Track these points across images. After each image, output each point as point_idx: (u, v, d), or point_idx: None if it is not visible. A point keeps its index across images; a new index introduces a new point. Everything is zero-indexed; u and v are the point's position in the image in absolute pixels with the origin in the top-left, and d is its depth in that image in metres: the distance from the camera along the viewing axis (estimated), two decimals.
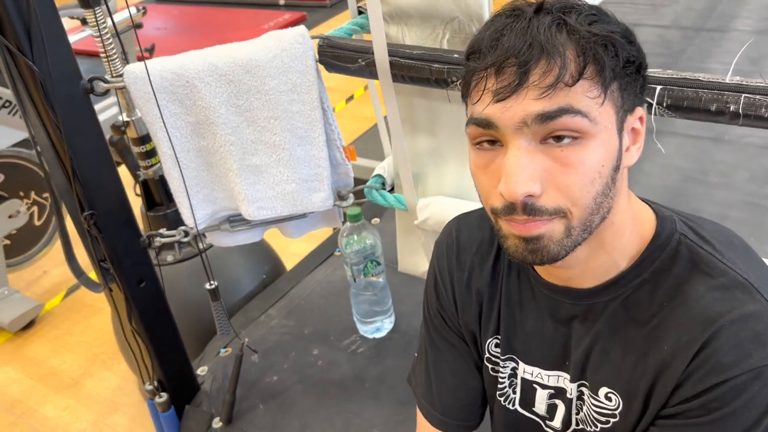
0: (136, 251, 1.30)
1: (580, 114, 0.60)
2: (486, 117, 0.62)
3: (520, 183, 0.60)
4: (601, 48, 0.61)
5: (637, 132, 0.68)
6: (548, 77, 0.59)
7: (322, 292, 1.75)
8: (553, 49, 0.59)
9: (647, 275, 0.69)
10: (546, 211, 0.62)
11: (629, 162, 0.67)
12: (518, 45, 0.60)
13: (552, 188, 0.62)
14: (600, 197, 0.63)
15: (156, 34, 4.96)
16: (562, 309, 0.75)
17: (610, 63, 0.61)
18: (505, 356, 0.83)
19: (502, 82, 0.61)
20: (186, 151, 1.23)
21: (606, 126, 0.62)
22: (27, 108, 1.12)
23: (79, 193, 1.18)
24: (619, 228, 0.69)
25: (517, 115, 0.60)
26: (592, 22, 0.62)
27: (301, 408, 1.44)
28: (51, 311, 2.49)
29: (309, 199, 1.27)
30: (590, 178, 0.62)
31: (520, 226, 0.63)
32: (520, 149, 0.61)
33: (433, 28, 1.17)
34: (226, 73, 1.17)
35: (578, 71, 0.60)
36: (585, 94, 0.60)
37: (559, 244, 0.64)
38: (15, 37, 1.05)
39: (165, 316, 1.41)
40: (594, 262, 0.70)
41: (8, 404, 2.12)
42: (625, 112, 0.65)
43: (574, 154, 0.61)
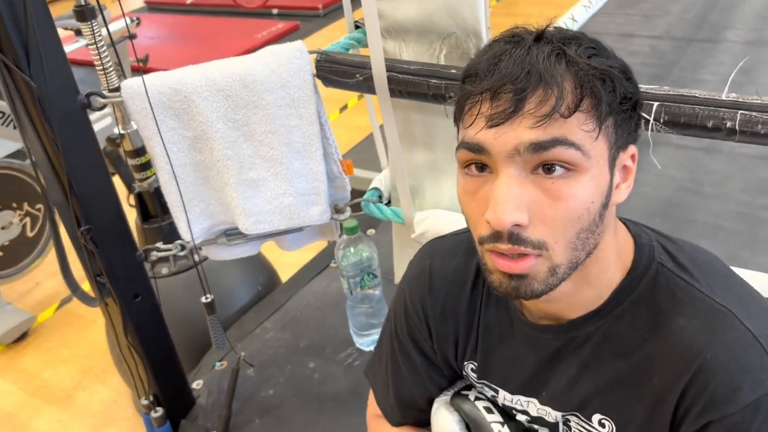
0: (132, 265, 1.29)
1: (574, 146, 0.59)
2: (478, 142, 0.61)
3: (507, 212, 0.59)
4: (599, 82, 0.60)
5: (628, 170, 0.67)
6: (544, 106, 0.59)
7: (317, 304, 1.74)
8: (551, 78, 0.59)
9: (626, 306, 0.69)
10: (530, 243, 0.61)
11: (618, 199, 0.66)
12: (516, 72, 0.59)
13: (538, 221, 0.61)
14: (585, 233, 0.62)
15: (150, 43, 4.95)
16: (544, 345, 0.74)
17: (607, 98, 0.61)
18: (480, 381, 0.82)
19: (497, 108, 0.60)
20: (183, 165, 1.23)
21: (598, 161, 0.61)
22: (24, 123, 1.12)
23: (76, 208, 1.17)
24: (605, 262, 0.68)
25: (509, 142, 0.60)
26: (592, 56, 0.61)
27: (297, 422, 1.44)
28: (43, 323, 2.47)
29: (306, 212, 1.27)
30: (578, 213, 0.61)
31: (504, 264, 0.63)
32: (510, 177, 0.60)
33: (430, 44, 1.18)
34: (223, 87, 1.17)
35: (575, 103, 0.59)
36: (580, 127, 0.60)
37: (544, 283, 0.63)
38: (12, 53, 1.04)
39: (161, 330, 1.40)
40: (579, 295, 0.69)
41: (1, 418, 2.10)
42: (618, 148, 0.64)
43: (565, 187, 0.60)
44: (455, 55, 1.16)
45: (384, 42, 1.20)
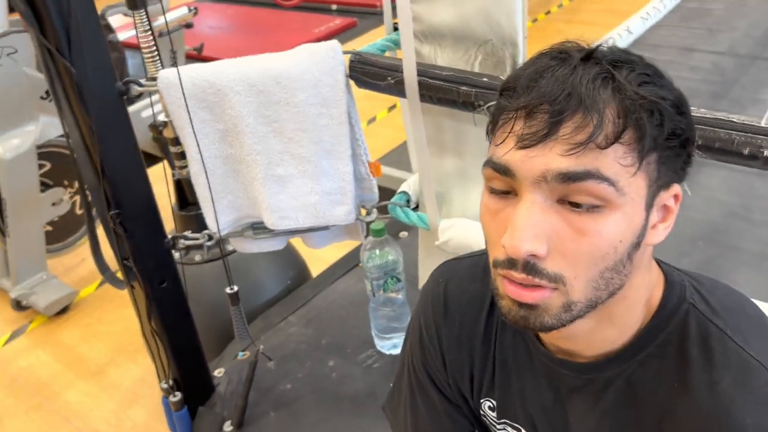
0: (159, 252, 1.32)
1: (607, 181, 0.55)
2: (505, 163, 0.57)
3: (525, 240, 0.55)
4: (646, 113, 0.55)
5: (668, 210, 0.62)
6: (580, 134, 0.54)
7: (342, 302, 1.75)
8: (592, 104, 0.54)
9: (652, 349, 0.64)
10: (546, 275, 0.57)
11: (654, 240, 0.61)
12: (556, 92, 0.55)
13: (558, 253, 0.57)
14: (609, 273, 0.58)
15: (209, 33, 5.06)
16: (561, 380, 0.70)
17: (653, 131, 0.56)
18: (501, 421, 0.78)
19: (529, 128, 0.56)
20: (213, 157, 1.24)
21: (633, 198, 0.56)
22: (63, 106, 1.15)
23: (107, 192, 1.20)
24: (633, 302, 0.64)
25: (537, 167, 0.55)
26: (643, 83, 0.57)
27: (311, 418, 1.44)
28: (85, 299, 2.55)
29: (331, 211, 1.27)
30: (603, 252, 0.57)
31: (515, 291, 0.59)
32: (533, 204, 0.56)
33: (465, 50, 1.16)
34: (256, 83, 1.18)
35: (615, 134, 0.55)
36: (617, 160, 0.55)
37: (556, 318, 0.59)
38: (55, 38, 1.08)
39: (185, 317, 1.43)
40: (599, 335, 0.65)
41: (36, 386, 2.18)
42: (659, 187, 0.59)
43: (591, 223, 0.56)
44: (490, 63, 1.14)
45: (420, 46, 1.19)
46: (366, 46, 1.26)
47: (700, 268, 1.74)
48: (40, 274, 2.48)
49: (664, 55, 2.84)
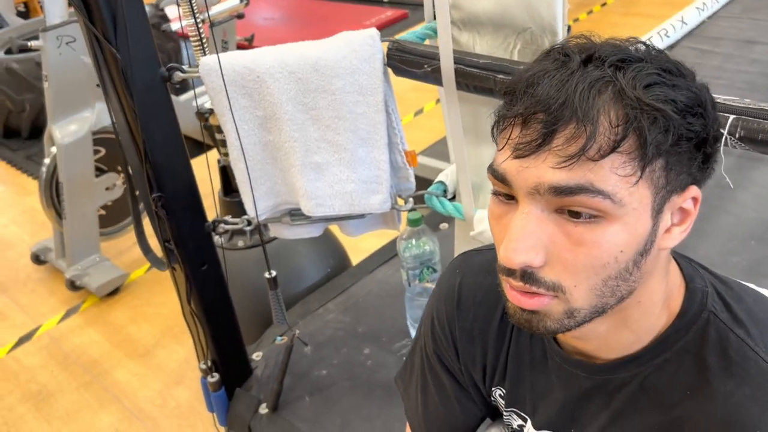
0: (200, 235, 1.35)
1: (602, 194, 0.53)
2: (502, 173, 0.57)
3: (519, 251, 0.55)
4: (648, 120, 0.53)
5: (686, 213, 0.59)
6: (572, 145, 0.52)
7: (380, 292, 1.75)
8: (585, 113, 0.52)
9: (669, 355, 0.63)
10: (544, 284, 0.57)
11: (668, 244, 0.59)
12: (551, 99, 0.53)
13: (556, 262, 0.56)
14: (614, 281, 0.57)
15: (263, 23, 5.13)
16: (575, 380, 0.69)
17: (655, 139, 0.53)
18: (509, 408, 0.78)
19: (524, 137, 0.55)
20: (252, 144, 1.26)
21: (635, 208, 0.55)
22: (109, 91, 1.19)
23: (150, 175, 1.24)
24: (648, 307, 0.62)
25: (530, 179, 0.55)
26: (650, 85, 0.54)
27: (344, 405, 1.46)
28: (135, 281, 2.64)
29: (367, 200, 1.27)
30: (602, 261, 0.55)
31: (514, 296, 0.59)
32: (529, 215, 0.55)
33: (504, 38, 1.14)
34: (295, 70, 1.19)
35: (610, 145, 0.52)
36: (614, 171, 0.53)
37: (558, 323, 0.59)
38: (102, 25, 1.11)
39: (224, 300, 1.46)
40: (615, 337, 0.64)
41: (87, 364, 2.27)
42: (670, 192, 0.57)
43: (589, 233, 0.54)
44: (529, 51, 1.12)
45: (458, 34, 1.18)
46: (406, 33, 1.26)
47: (750, 267, 1.68)
48: (93, 256, 2.57)
49: (723, 48, 2.74)
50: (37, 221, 3.04)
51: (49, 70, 2.21)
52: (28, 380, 2.23)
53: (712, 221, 1.72)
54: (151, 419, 2.03)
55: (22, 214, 3.16)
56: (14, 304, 2.59)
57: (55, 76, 2.23)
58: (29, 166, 3.59)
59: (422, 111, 3.55)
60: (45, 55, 2.19)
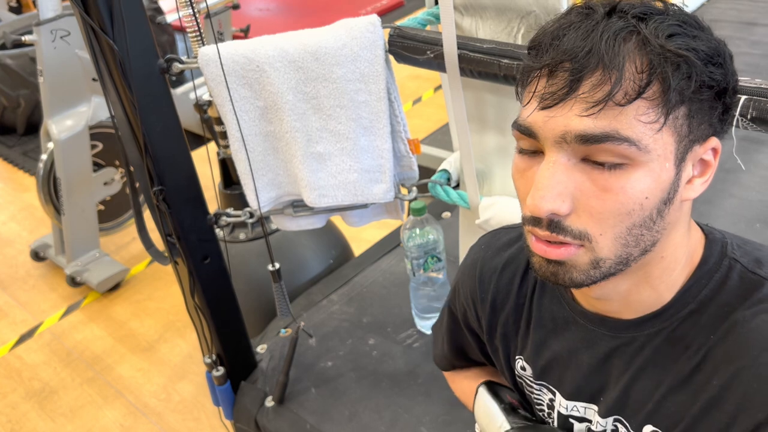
0: (202, 228, 1.34)
1: (627, 141, 0.54)
2: (528, 125, 0.58)
3: (546, 198, 0.56)
4: (672, 67, 0.54)
5: (706, 164, 0.61)
6: (599, 92, 0.54)
7: (384, 282, 1.74)
8: (611, 60, 0.53)
9: (694, 305, 0.63)
10: (571, 232, 0.57)
11: (690, 195, 0.60)
12: (577, 48, 0.54)
13: (583, 210, 0.57)
14: (638, 229, 0.57)
15: (258, 14, 5.09)
16: (599, 341, 0.70)
17: (679, 85, 0.54)
18: (539, 382, 0.78)
19: (551, 87, 0.56)
20: (253, 134, 1.25)
21: (659, 155, 0.56)
22: (107, 84, 1.17)
23: (150, 169, 1.22)
24: (671, 263, 0.63)
25: (557, 128, 0.56)
26: (672, 35, 0.55)
27: (351, 396, 1.45)
28: (136, 276, 2.62)
29: (370, 189, 1.26)
30: (628, 208, 0.56)
31: (540, 248, 0.59)
32: (556, 164, 0.56)
33: (508, 22, 1.12)
34: (295, 59, 1.17)
35: (636, 90, 0.54)
36: (638, 118, 0.54)
37: (585, 273, 0.59)
38: (99, 17, 1.09)
39: (227, 293, 1.45)
40: (637, 295, 0.64)
41: (90, 360, 2.26)
42: (692, 141, 0.58)
43: (614, 180, 0.55)
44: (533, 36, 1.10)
45: (460, 18, 1.16)
46: (406, 20, 1.24)
47: None
48: (93, 252, 2.56)
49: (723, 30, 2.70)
50: (35, 218, 3.02)
51: (44, 64, 2.19)
52: (31, 377, 2.22)
53: (716, 204, 1.71)
54: (156, 414, 2.02)
55: (20, 211, 3.14)
56: (15, 301, 2.58)
57: (51, 71, 2.21)
58: (26, 162, 3.56)
59: (420, 99, 3.53)
60: (39, 49, 2.17)
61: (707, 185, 0.61)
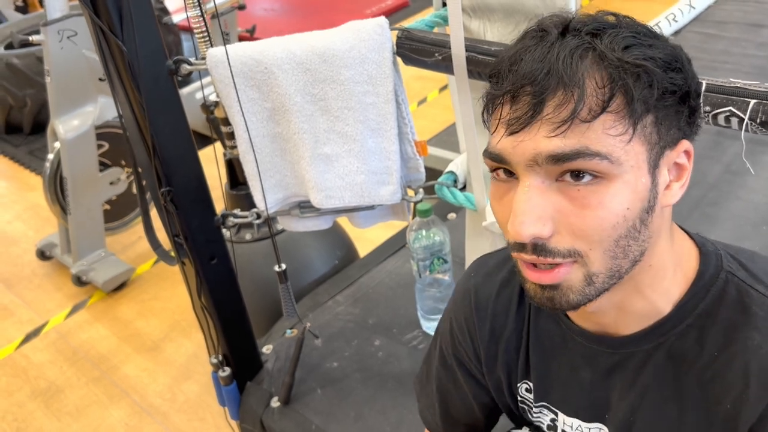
0: (209, 229, 1.34)
1: (599, 156, 0.54)
2: (498, 152, 0.58)
3: (525, 224, 0.56)
4: (632, 77, 0.55)
5: (681, 168, 0.62)
6: (563, 111, 0.54)
7: (390, 283, 1.75)
8: (570, 78, 0.54)
9: (691, 320, 0.63)
10: (558, 253, 0.57)
11: (670, 201, 0.61)
12: (536, 71, 0.55)
13: (565, 230, 0.57)
14: (625, 240, 0.57)
15: (263, 15, 5.10)
16: (599, 358, 0.69)
17: (642, 95, 0.55)
18: (539, 404, 0.77)
19: (515, 113, 0.56)
20: (261, 136, 1.25)
21: (632, 165, 0.56)
22: (115, 85, 1.17)
23: (158, 169, 1.22)
24: (659, 270, 0.63)
25: (527, 152, 0.56)
26: (628, 47, 0.56)
27: (357, 397, 1.45)
28: (141, 275, 2.63)
29: (377, 191, 1.26)
30: (611, 222, 0.56)
31: (534, 275, 0.59)
32: (531, 188, 0.56)
33: (516, 24, 1.12)
34: (303, 61, 1.17)
35: (600, 105, 0.54)
36: (607, 132, 0.54)
37: (580, 293, 0.59)
38: (108, 18, 1.10)
39: (234, 294, 1.45)
40: (630, 307, 0.64)
41: (96, 359, 2.27)
42: (663, 147, 0.58)
43: (592, 196, 0.55)
44: None
45: (468, 21, 1.16)
46: (414, 22, 1.24)
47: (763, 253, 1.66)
48: (98, 251, 2.56)
49: (729, 32, 2.71)
50: (41, 217, 3.03)
51: (51, 64, 2.20)
52: (37, 376, 2.23)
53: (723, 207, 1.71)
54: (161, 414, 2.03)
55: (26, 210, 3.15)
56: (20, 300, 2.59)
57: (58, 71, 2.21)
58: (32, 161, 3.58)
59: (425, 100, 3.54)
60: (47, 49, 2.18)
61: (685, 188, 0.62)
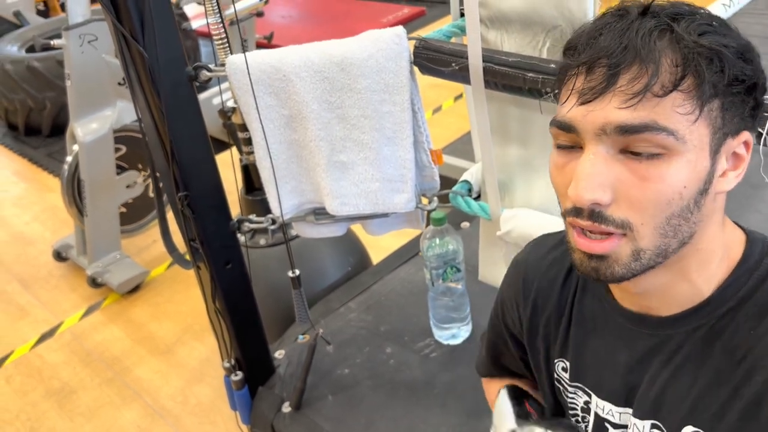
0: (225, 234, 1.35)
1: (665, 131, 0.56)
2: (568, 121, 0.60)
3: (588, 189, 0.58)
4: (705, 61, 0.57)
5: (739, 158, 0.63)
6: (637, 84, 0.56)
7: (402, 291, 1.75)
8: (647, 54, 0.56)
9: (733, 303, 0.64)
10: (612, 222, 0.59)
11: (724, 188, 0.62)
12: (613, 45, 0.57)
13: (623, 200, 0.59)
14: (677, 219, 0.59)
15: (281, 21, 5.14)
16: (638, 341, 0.70)
17: (712, 78, 0.57)
18: (574, 384, 0.78)
19: (589, 83, 0.58)
20: (278, 142, 1.26)
21: (695, 145, 0.58)
22: (136, 90, 1.19)
23: (176, 174, 1.24)
24: (707, 255, 0.64)
25: (597, 120, 0.58)
26: (704, 33, 0.58)
27: (368, 404, 1.45)
28: (156, 278, 2.65)
29: (391, 199, 1.27)
30: (668, 197, 0.58)
31: (584, 243, 0.61)
32: (596, 155, 0.59)
33: (533, 36, 1.13)
34: (321, 69, 1.18)
35: (672, 82, 0.56)
36: (675, 109, 0.57)
37: (626, 267, 0.61)
38: (130, 25, 1.12)
39: (248, 299, 1.46)
40: (674, 290, 0.66)
41: (109, 361, 2.28)
42: (725, 134, 0.60)
43: (653, 169, 0.58)
44: (558, 49, 1.10)
45: (486, 31, 1.17)
46: (432, 32, 1.25)
47: None
48: (114, 253, 2.59)
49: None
50: (58, 218, 3.07)
51: (72, 68, 2.23)
52: (51, 377, 2.25)
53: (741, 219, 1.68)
54: (173, 416, 2.04)
55: (43, 212, 3.19)
56: (36, 300, 2.62)
57: (78, 75, 2.25)
58: (50, 163, 3.62)
59: (440, 108, 3.54)
60: (67, 53, 2.21)
61: (740, 178, 0.63)
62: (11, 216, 3.19)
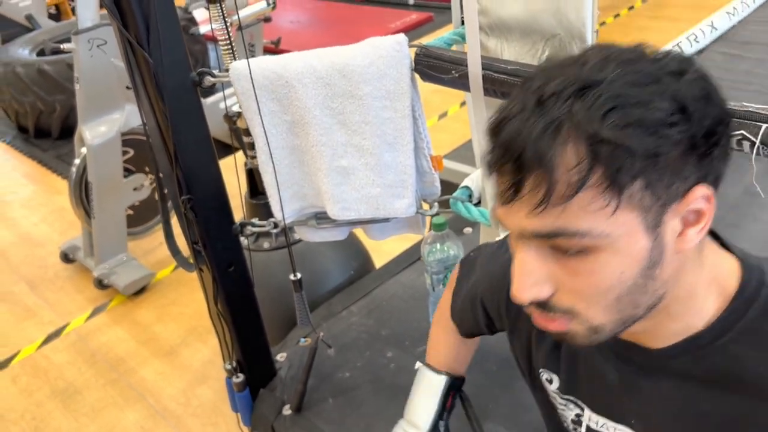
0: (228, 237, 1.37)
1: (578, 235, 0.54)
2: (497, 219, 0.60)
3: (523, 289, 0.58)
4: (609, 150, 0.51)
5: (700, 213, 0.57)
6: (538, 193, 0.53)
7: (404, 295, 1.76)
8: (540, 161, 0.52)
9: (734, 334, 0.61)
10: (558, 310, 0.59)
11: (686, 246, 0.57)
12: (514, 147, 0.54)
13: (564, 290, 0.58)
14: (627, 297, 0.57)
15: (289, 27, 5.17)
16: (630, 362, 0.69)
17: (623, 167, 0.51)
18: (566, 396, 0.78)
19: (502, 185, 0.57)
20: (280, 148, 1.28)
21: (622, 234, 0.54)
22: (141, 94, 1.21)
23: (180, 178, 1.25)
24: (689, 297, 0.62)
25: (515, 224, 0.57)
26: (611, 110, 0.51)
27: (368, 408, 1.46)
28: (161, 280, 2.67)
29: (392, 204, 1.28)
30: (605, 285, 0.56)
31: (541, 322, 0.61)
32: (527, 254, 0.58)
33: (532, 44, 1.14)
34: (323, 76, 1.20)
35: (575, 184, 0.52)
36: (585, 209, 0.52)
37: (587, 339, 0.60)
38: (135, 30, 1.13)
39: (250, 301, 1.47)
40: (663, 329, 0.64)
41: (113, 362, 2.30)
42: (663, 205, 0.54)
43: (582, 264, 0.56)
44: None
45: (486, 39, 1.18)
46: (433, 39, 1.26)
47: None
48: (120, 255, 2.61)
49: (753, 53, 2.69)
50: (66, 220, 3.10)
51: (81, 72, 2.26)
52: (57, 377, 2.27)
53: (742, 229, 1.70)
54: (175, 417, 2.06)
55: (51, 213, 3.22)
56: (43, 301, 2.64)
57: (87, 78, 2.27)
58: (59, 165, 3.66)
59: (446, 114, 3.56)
60: (77, 57, 2.24)
61: (705, 231, 0.58)
62: (20, 217, 3.22)
